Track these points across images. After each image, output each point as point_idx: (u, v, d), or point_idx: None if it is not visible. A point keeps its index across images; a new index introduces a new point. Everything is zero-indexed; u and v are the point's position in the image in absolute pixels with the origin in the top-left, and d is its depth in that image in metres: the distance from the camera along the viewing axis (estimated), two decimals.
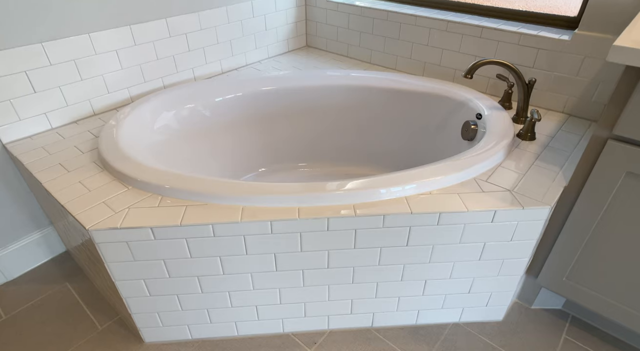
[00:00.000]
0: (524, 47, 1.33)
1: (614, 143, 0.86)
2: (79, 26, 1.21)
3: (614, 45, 0.76)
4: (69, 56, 1.22)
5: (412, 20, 1.56)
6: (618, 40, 0.77)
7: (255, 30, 1.72)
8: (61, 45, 1.19)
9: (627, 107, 0.82)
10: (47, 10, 1.13)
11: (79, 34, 1.22)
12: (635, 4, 1.11)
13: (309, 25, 1.92)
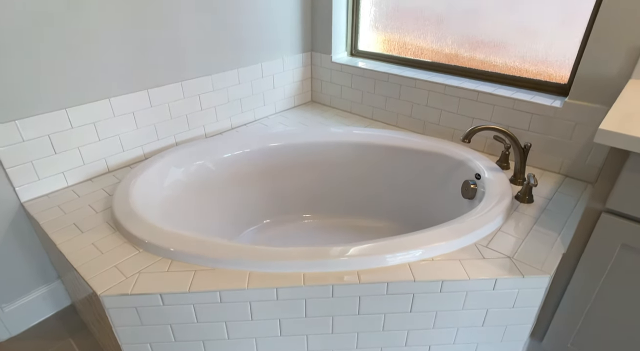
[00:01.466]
0: (519, 112, 1.41)
1: (607, 217, 0.90)
2: (101, 92, 1.30)
3: (600, 128, 0.82)
4: (90, 119, 1.30)
5: (412, 82, 1.65)
6: (604, 123, 0.83)
7: (264, 89, 1.82)
8: (83, 110, 1.27)
9: (617, 183, 0.86)
10: (73, 78, 1.22)
11: (100, 100, 1.30)
12: (621, 78, 1.19)
13: (314, 83, 2.03)
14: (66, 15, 1.15)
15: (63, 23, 1.15)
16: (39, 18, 1.10)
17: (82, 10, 1.17)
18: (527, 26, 1.41)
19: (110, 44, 1.27)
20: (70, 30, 1.17)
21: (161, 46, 1.39)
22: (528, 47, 1.43)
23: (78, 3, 1.16)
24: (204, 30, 1.49)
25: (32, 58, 1.12)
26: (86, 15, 1.19)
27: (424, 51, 1.73)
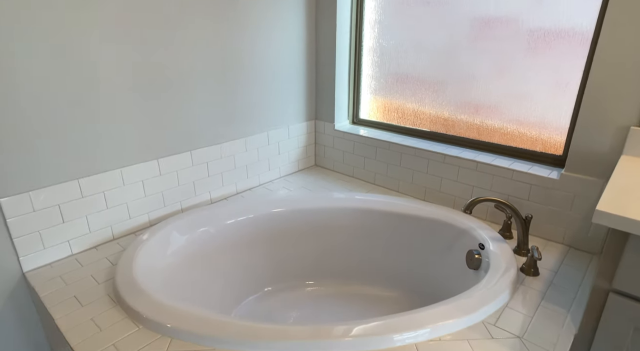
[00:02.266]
0: (518, 182, 1.44)
1: (615, 298, 0.89)
2: (114, 163, 1.35)
3: (597, 209, 0.84)
4: (100, 189, 1.33)
5: (412, 151, 1.71)
6: (601, 203, 0.85)
7: (270, 155, 1.89)
8: (94, 180, 1.31)
9: (621, 264, 0.86)
10: (88, 150, 1.28)
11: (112, 170, 1.35)
12: (613, 153, 1.24)
13: (317, 148, 2.11)
14: (84, 94, 1.23)
15: (81, 101, 1.23)
16: (57, 96, 1.18)
17: (98, 88, 1.26)
18: (521, 92, 1.49)
19: (126, 117, 1.34)
20: (87, 107, 1.25)
21: (175, 118, 1.47)
22: (523, 111, 1.50)
23: (94, 81, 1.25)
24: (215, 102, 1.59)
25: (50, 133, 1.19)
26: (103, 92, 1.27)
27: (422, 115, 1.82)
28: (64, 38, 1.15)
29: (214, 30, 1.50)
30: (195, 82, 1.50)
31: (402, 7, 1.74)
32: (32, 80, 1.12)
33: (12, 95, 1.09)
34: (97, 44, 1.22)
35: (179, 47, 1.41)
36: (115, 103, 1.30)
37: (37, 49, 1.11)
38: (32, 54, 1.10)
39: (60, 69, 1.16)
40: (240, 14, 1.56)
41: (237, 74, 1.63)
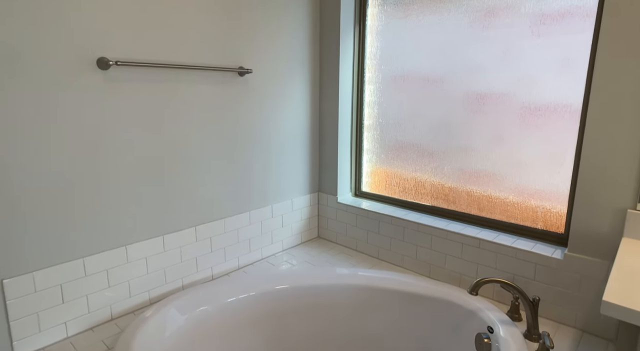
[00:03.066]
0: (522, 261, 1.43)
1: None
2: (119, 240, 1.37)
3: (604, 300, 0.83)
4: (104, 267, 1.33)
5: (415, 226, 1.73)
6: (607, 294, 0.85)
7: (273, 228, 1.90)
8: (99, 259, 1.32)
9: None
10: (95, 228, 1.30)
11: (117, 248, 1.36)
12: (614, 235, 1.25)
13: (320, 220, 2.13)
14: (90, 171, 1.29)
15: (87, 178, 1.28)
16: (64, 174, 1.24)
17: (104, 166, 1.32)
18: (519, 162, 1.54)
19: (133, 195, 1.39)
20: (94, 185, 1.30)
21: (180, 195, 1.52)
22: (522, 181, 1.54)
23: (99, 159, 1.31)
24: (221, 178, 1.65)
25: (58, 211, 1.22)
26: (110, 171, 1.33)
27: (424, 187, 1.86)
28: (75, 121, 1.23)
29: (220, 108, 1.60)
30: (202, 159, 1.57)
31: (399, 85, 1.87)
32: (36, 159, 1.18)
33: (15, 175, 1.15)
34: (105, 126, 1.30)
35: (185, 126, 1.50)
36: (122, 182, 1.35)
37: (40, 130, 1.19)
38: (37, 134, 1.18)
39: (65, 146, 1.23)
40: (247, 93, 1.69)
41: (243, 150, 1.71)
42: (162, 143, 1.43)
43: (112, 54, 1.25)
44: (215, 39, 1.52)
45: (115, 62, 1.23)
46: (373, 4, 1.89)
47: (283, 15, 1.75)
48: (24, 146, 1.12)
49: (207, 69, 1.47)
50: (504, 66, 1.53)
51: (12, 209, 1.12)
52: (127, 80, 1.30)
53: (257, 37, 1.66)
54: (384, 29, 1.88)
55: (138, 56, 1.31)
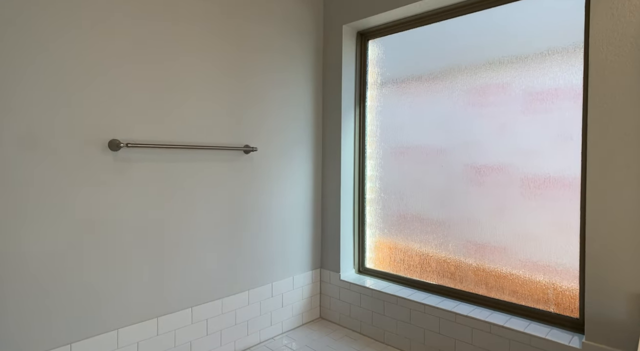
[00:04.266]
0: (537, 349, 1.33)
1: None
2: (110, 323, 1.31)
3: None
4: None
5: (421, 307, 1.65)
6: None
7: (272, 308, 1.82)
8: (88, 344, 1.25)
9: None
10: (84, 311, 1.25)
11: (107, 331, 1.30)
12: (632, 321, 1.17)
13: (323, 299, 2.04)
14: (80, 248, 1.28)
15: (81, 264, 1.27)
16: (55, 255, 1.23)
17: (96, 242, 1.31)
18: (524, 233, 1.50)
19: (127, 273, 1.36)
20: (83, 263, 1.28)
21: (177, 274, 1.48)
22: (529, 253, 1.48)
23: (98, 240, 1.31)
24: (220, 256, 1.62)
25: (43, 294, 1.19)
26: (102, 247, 1.32)
27: (429, 262, 1.80)
28: (83, 200, 1.26)
29: (224, 185, 1.63)
30: (202, 236, 1.56)
31: (400, 159, 1.91)
32: (45, 234, 1.18)
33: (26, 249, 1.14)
34: (109, 204, 1.32)
35: (188, 203, 1.52)
36: (117, 259, 1.34)
37: (50, 209, 1.20)
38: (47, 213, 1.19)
39: (70, 224, 1.24)
40: (251, 170, 1.73)
41: (244, 226, 1.70)
42: (163, 221, 1.43)
43: (123, 135, 1.32)
44: (222, 119, 1.61)
45: (126, 144, 1.29)
46: (372, 86, 2.02)
47: (288, 96, 1.86)
48: (38, 221, 1.13)
49: (213, 148, 1.53)
50: (501, 140, 1.58)
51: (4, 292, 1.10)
52: (136, 160, 1.35)
53: (262, 116, 1.76)
54: (383, 109, 1.98)
55: (147, 138, 1.38)
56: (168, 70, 1.43)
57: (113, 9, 1.28)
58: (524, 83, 1.52)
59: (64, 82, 1.19)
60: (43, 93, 1.15)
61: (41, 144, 1.15)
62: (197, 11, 1.51)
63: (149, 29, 1.37)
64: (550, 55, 1.45)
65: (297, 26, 1.90)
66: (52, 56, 1.17)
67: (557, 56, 1.43)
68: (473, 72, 1.66)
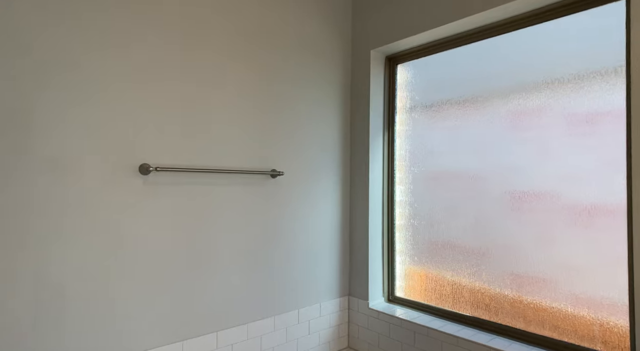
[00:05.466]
0: None
1: None
2: (136, 345, 1.32)
3: None
4: None
5: (454, 340, 1.55)
6: None
7: (299, 335, 1.78)
8: None
9: None
10: (105, 333, 1.28)
11: None
12: None
13: (351, 328, 1.98)
14: (103, 269, 1.32)
15: (107, 286, 1.30)
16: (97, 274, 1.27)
17: (122, 263, 1.35)
18: (567, 264, 1.39)
19: (155, 295, 1.38)
20: (116, 290, 1.31)
21: (203, 297, 1.49)
22: (572, 286, 1.37)
23: (124, 261, 1.34)
24: (245, 280, 1.62)
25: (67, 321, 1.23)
26: (137, 269, 1.35)
27: (461, 293, 1.70)
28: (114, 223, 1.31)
29: (251, 209, 1.65)
30: (228, 260, 1.57)
31: (431, 185, 1.86)
32: (77, 256, 1.23)
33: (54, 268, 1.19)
34: (139, 227, 1.36)
35: (216, 226, 1.54)
36: (142, 281, 1.36)
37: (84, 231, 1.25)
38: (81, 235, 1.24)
39: (103, 245, 1.28)
40: (278, 194, 1.74)
41: (270, 251, 1.70)
42: (190, 244, 1.46)
43: (153, 160, 1.37)
44: (249, 143, 1.65)
45: (155, 168, 1.34)
46: (401, 111, 2.01)
47: (315, 121, 1.89)
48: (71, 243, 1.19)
49: (240, 172, 1.56)
50: (540, 165, 1.50)
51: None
52: (164, 184, 1.40)
53: (289, 140, 1.78)
54: (413, 133, 1.96)
55: (175, 162, 1.43)
56: (196, 96, 1.49)
57: (145, 35, 1.37)
58: (563, 105, 1.45)
59: (97, 108, 1.27)
60: (76, 118, 1.23)
61: (76, 168, 1.22)
62: (224, 38, 1.58)
63: (179, 57, 1.45)
64: (589, 76, 1.39)
65: (324, 52, 1.94)
66: (86, 81, 1.25)
67: (596, 77, 1.37)
68: (508, 95, 1.61)
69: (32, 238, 1.14)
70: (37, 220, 1.15)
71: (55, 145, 1.18)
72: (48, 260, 1.17)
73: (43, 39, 1.16)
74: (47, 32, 1.17)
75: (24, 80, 1.13)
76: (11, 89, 1.11)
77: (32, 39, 1.14)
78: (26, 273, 1.13)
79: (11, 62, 1.11)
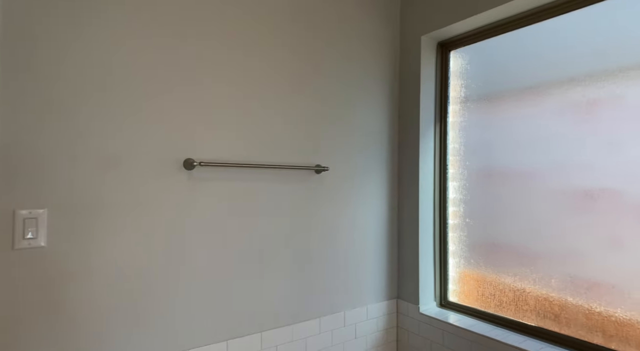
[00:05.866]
0: None
1: None
2: (180, 343, 1.30)
3: None
4: None
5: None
6: None
7: (345, 339, 1.70)
8: None
9: None
10: (155, 333, 1.26)
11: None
12: None
13: (400, 332, 1.86)
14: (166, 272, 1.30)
15: (151, 283, 1.29)
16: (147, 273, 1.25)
17: (174, 266, 1.32)
18: None
19: (199, 294, 1.35)
20: (160, 287, 1.29)
21: (247, 296, 1.45)
22: None
23: (172, 259, 1.32)
24: (290, 280, 1.56)
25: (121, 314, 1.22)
26: (183, 268, 1.33)
27: (525, 299, 1.53)
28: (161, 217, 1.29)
29: (294, 206, 1.58)
30: (271, 258, 1.51)
31: (488, 181, 1.70)
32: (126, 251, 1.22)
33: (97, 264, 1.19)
34: (184, 224, 1.33)
35: (259, 223, 1.49)
36: (190, 279, 1.34)
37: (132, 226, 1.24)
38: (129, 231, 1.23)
39: (149, 241, 1.27)
40: (322, 191, 1.66)
41: (315, 250, 1.63)
42: (232, 240, 1.42)
43: (197, 155, 1.34)
44: (293, 137, 1.58)
45: (199, 163, 1.31)
46: (455, 101, 1.86)
47: (361, 113, 1.78)
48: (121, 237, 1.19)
49: (284, 167, 1.50)
50: (614, 161, 1.31)
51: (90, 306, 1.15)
52: (207, 179, 1.37)
53: (335, 134, 1.70)
54: (467, 125, 1.80)
55: (218, 156, 1.39)
56: (238, 89, 1.44)
57: (187, 34, 1.34)
58: (639, 96, 1.25)
59: (142, 103, 1.25)
60: (123, 116, 1.22)
61: (124, 165, 1.21)
62: (267, 27, 1.52)
63: (224, 52, 1.41)
64: None
65: (372, 40, 1.83)
66: (130, 78, 1.23)
67: None
68: (575, 83, 1.42)
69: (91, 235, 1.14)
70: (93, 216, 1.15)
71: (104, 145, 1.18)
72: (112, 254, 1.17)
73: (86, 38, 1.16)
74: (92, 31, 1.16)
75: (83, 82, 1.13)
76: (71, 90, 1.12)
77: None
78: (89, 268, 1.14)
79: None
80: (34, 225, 1.10)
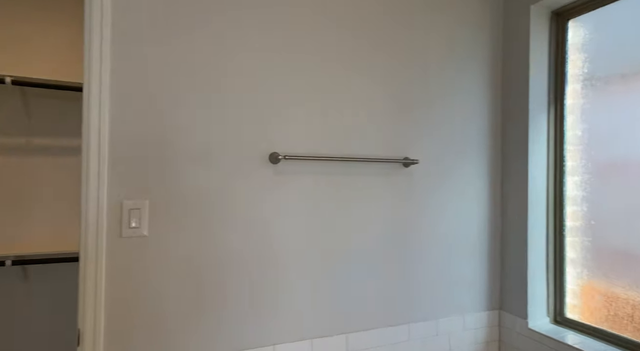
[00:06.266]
0: None
1: None
2: (268, 337, 1.29)
3: None
4: None
5: None
6: None
7: (437, 349, 1.54)
8: None
9: None
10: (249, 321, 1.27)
11: (264, 346, 1.29)
12: None
13: (502, 347, 1.63)
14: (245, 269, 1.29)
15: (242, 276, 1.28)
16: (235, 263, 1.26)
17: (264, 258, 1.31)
18: None
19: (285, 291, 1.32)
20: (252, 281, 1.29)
21: (331, 295, 1.38)
22: None
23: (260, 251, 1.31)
24: (377, 281, 1.45)
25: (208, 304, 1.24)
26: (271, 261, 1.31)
27: None
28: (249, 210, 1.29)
29: (382, 201, 1.47)
30: (358, 257, 1.43)
31: (619, 176, 1.38)
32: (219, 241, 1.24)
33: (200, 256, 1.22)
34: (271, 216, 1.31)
35: (345, 219, 1.41)
36: (276, 273, 1.32)
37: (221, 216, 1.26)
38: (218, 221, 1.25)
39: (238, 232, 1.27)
40: (412, 185, 1.52)
41: (404, 250, 1.50)
42: (319, 237, 1.37)
43: (282, 148, 1.32)
44: (380, 128, 1.47)
45: (284, 156, 1.28)
46: (574, 79, 1.55)
47: (456, 99, 1.59)
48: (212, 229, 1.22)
49: (370, 160, 1.40)
50: None
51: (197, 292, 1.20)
52: (293, 173, 1.33)
53: (425, 124, 1.54)
54: (591, 107, 1.49)
55: (303, 150, 1.35)
56: (322, 81, 1.38)
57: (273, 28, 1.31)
58: None
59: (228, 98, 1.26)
60: (212, 111, 1.24)
61: (214, 160, 1.24)
62: (359, 15, 1.43)
63: (309, 42, 1.36)
64: None
65: (469, 15, 1.62)
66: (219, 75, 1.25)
67: None
68: None
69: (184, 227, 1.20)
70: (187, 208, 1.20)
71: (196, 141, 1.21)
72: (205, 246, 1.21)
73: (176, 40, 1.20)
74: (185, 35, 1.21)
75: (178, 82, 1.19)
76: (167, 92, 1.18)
77: None
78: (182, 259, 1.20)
79: None
80: (138, 216, 1.18)
